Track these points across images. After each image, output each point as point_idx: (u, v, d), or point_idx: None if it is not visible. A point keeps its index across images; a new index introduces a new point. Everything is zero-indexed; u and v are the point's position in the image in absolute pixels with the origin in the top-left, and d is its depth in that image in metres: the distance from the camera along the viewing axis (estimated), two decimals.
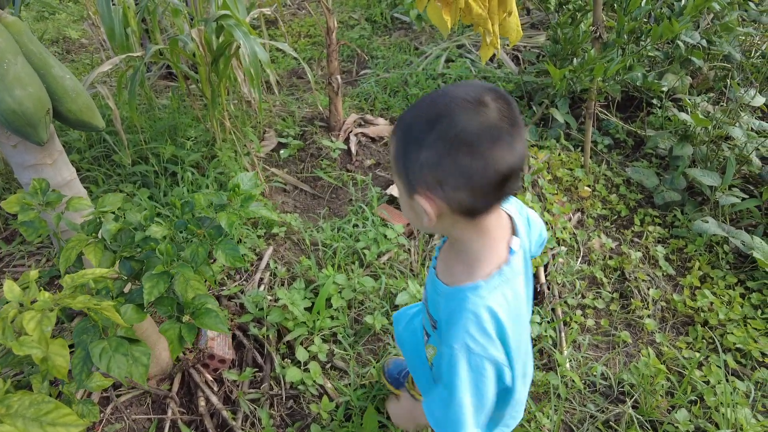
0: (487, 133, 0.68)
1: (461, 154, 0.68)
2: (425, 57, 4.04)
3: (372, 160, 2.88)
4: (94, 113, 1.21)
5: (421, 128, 0.71)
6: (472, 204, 0.74)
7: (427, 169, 0.72)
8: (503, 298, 0.80)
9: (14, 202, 0.93)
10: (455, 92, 0.71)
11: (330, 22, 2.82)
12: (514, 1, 1.32)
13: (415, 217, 0.81)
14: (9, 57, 1.02)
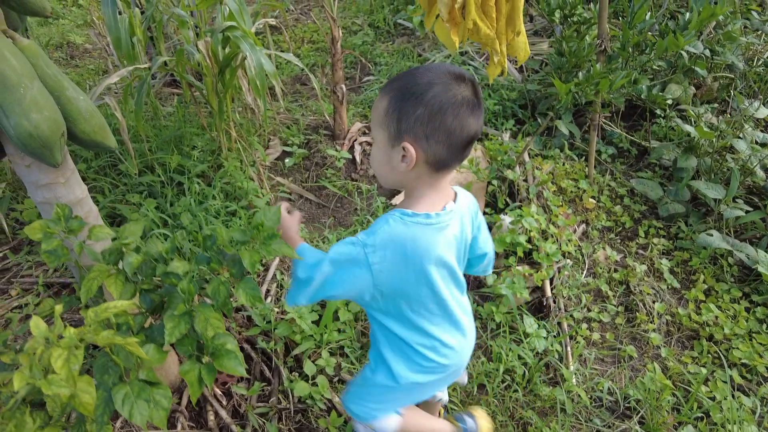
0: (466, 103, 0.89)
1: (448, 114, 0.88)
2: (428, 63, 4.06)
3: None
4: (107, 133, 1.22)
5: (419, 89, 0.89)
6: (445, 158, 0.93)
7: (420, 124, 0.89)
8: (420, 231, 0.96)
9: (37, 229, 0.94)
10: (442, 68, 0.92)
11: (335, 32, 2.83)
12: (522, 21, 1.33)
13: (387, 167, 0.97)
14: (26, 81, 1.03)
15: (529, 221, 1.95)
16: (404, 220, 0.95)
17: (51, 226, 0.95)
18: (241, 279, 0.94)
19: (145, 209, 2.36)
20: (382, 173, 1.01)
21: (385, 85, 0.96)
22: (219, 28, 2.26)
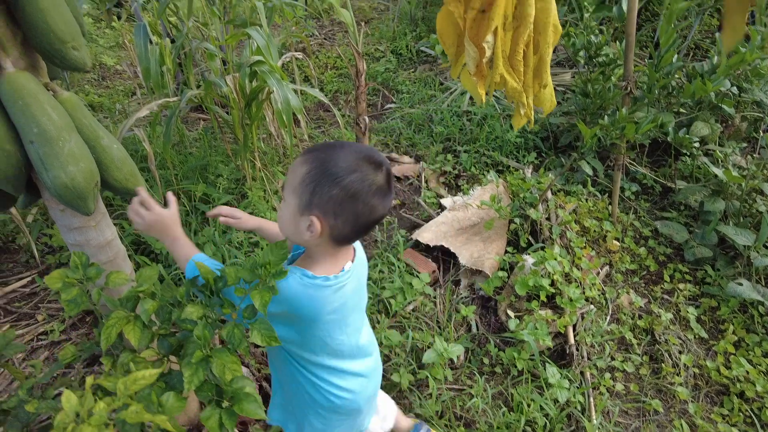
0: (378, 192, 0.96)
1: (359, 202, 0.95)
2: (450, 93, 4.07)
3: (397, 200, 2.90)
4: (138, 180, 1.25)
5: (338, 172, 0.94)
6: (348, 235, 1.00)
7: (332, 203, 0.95)
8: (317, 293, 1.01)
9: (57, 278, 0.96)
10: (363, 152, 0.98)
11: (360, 65, 2.86)
12: (549, 74, 1.33)
13: (292, 228, 1.01)
14: (65, 135, 1.06)
15: (552, 264, 1.92)
16: (303, 281, 1.00)
17: (69, 276, 0.97)
18: (254, 319, 0.94)
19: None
20: (286, 232, 1.05)
21: (307, 151, 1.00)
22: (247, 62, 2.31)
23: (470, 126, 3.51)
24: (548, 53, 1.26)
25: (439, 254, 2.42)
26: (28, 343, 2.17)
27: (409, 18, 5.73)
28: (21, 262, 2.61)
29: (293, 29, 5.38)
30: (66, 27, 1.03)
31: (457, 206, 2.57)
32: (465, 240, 2.34)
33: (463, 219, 2.49)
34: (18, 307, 2.34)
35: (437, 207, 2.75)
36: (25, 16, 0.99)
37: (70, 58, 1.05)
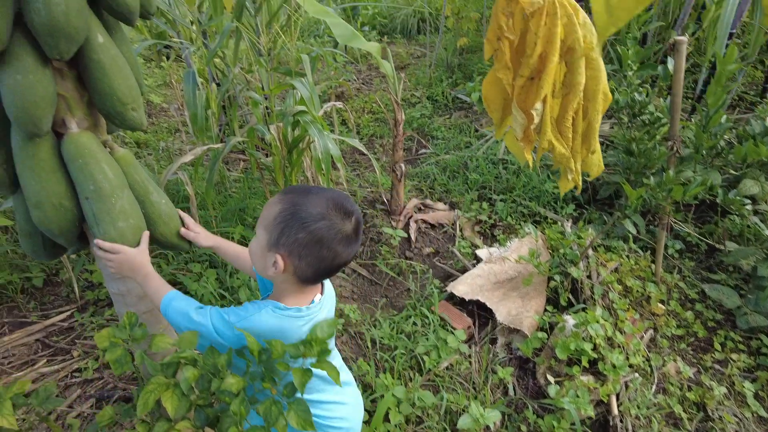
0: (344, 240, 1.01)
1: (324, 247, 1.00)
2: (485, 140, 4.08)
3: (431, 248, 2.87)
4: (181, 237, 1.27)
5: (308, 217, 0.99)
6: (310, 278, 1.05)
7: (297, 245, 1.00)
8: (289, 323, 1.05)
9: (105, 337, 0.96)
10: (336, 200, 1.02)
11: (398, 114, 2.90)
12: (597, 140, 1.31)
13: (261, 262, 1.06)
14: (118, 192, 1.09)
15: (595, 328, 1.85)
16: (276, 313, 1.04)
17: (117, 335, 0.97)
18: (292, 399, 0.92)
19: (205, 280, 2.41)
20: (255, 264, 1.09)
21: (285, 191, 1.05)
22: (290, 111, 2.37)
23: (506, 174, 3.49)
24: (597, 120, 1.25)
25: (474, 308, 2.36)
26: (62, 379, 2.19)
27: (446, 65, 5.83)
28: (62, 296, 2.67)
29: (332, 73, 5.55)
30: (128, 90, 1.07)
31: (494, 259, 2.52)
32: (502, 295, 2.28)
33: (500, 272, 2.44)
34: (55, 341, 2.38)
35: (472, 258, 2.71)
36: (93, 80, 1.04)
37: (129, 119, 1.09)
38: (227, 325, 1.03)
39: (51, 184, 1.05)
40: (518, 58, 1.21)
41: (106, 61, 1.03)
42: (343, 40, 2.52)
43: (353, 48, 6.58)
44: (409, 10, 7.84)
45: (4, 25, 0.89)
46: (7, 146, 1.05)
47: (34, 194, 1.05)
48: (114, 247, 1.12)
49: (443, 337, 2.06)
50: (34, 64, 0.95)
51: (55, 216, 1.07)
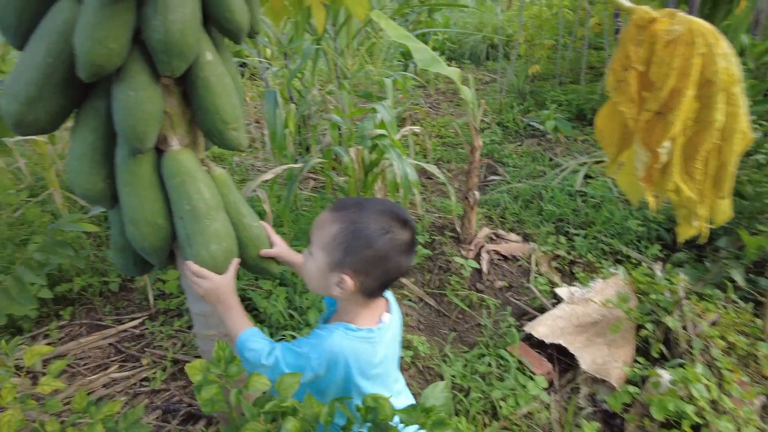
0: (405, 249, 1.01)
1: (390, 261, 1.00)
2: (560, 170, 3.90)
3: (504, 282, 2.73)
4: (271, 263, 1.22)
5: (372, 234, 0.98)
6: (376, 290, 1.05)
7: (364, 263, 0.98)
8: (361, 346, 1.03)
9: (198, 370, 0.91)
10: (392, 211, 1.01)
11: (476, 141, 2.81)
12: (730, 185, 1.16)
13: (321, 283, 1.04)
14: (213, 213, 1.06)
15: (698, 388, 1.65)
16: (348, 334, 1.02)
17: (212, 370, 0.92)
18: None
19: (274, 298, 2.39)
20: (313, 285, 1.08)
21: (336, 209, 1.02)
22: (369, 135, 2.33)
23: (585, 208, 3.30)
24: (732, 162, 1.10)
25: (554, 352, 2.20)
26: (131, 387, 2.21)
27: (516, 91, 5.71)
28: (135, 303, 2.73)
29: (400, 97, 5.55)
30: (231, 109, 1.05)
31: (576, 299, 2.35)
32: (586, 340, 2.11)
33: (583, 315, 2.27)
34: (127, 347, 2.42)
35: (551, 296, 2.55)
36: (198, 98, 1.02)
37: (229, 138, 1.06)
38: (303, 358, 1.01)
39: (148, 201, 1.04)
40: (644, 90, 1.09)
41: (212, 79, 1.01)
42: (424, 64, 2.46)
43: (422, 72, 6.57)
44: (478, 37, 7.79)
45: (124, 42, 0.88)
46: (111, 161, 1.04)
47: (131, 210, 1.04)
48: (203, 272, 1.09)
49: (522, 383, 1.92)
50: (146, 81, 0.94)
51: (149, 234, 1.05)
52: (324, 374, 1.02)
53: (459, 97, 6.23)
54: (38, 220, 2.95)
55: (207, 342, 1.34)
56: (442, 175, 2.41)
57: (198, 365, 0.92)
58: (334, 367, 1.02)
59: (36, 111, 0.94)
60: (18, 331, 2.52)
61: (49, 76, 0.92)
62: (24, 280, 2.02)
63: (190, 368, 0.92)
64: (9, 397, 0.91)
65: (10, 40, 0.98)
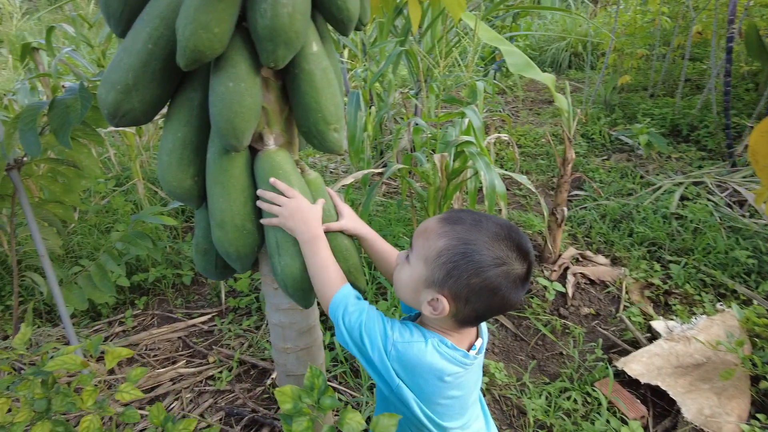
0: (518, 284, 0.88)
1: (497, 295, 0.87)
2: (653, 189, 3.58)
3: (591, 309, 2.49)
4: (360, 275, 1.12)
5: (484, 262, 0.85)
6: (472, 321, 0.93)
7: (468, 290, 0.87)
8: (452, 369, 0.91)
9: (289, 397, 0.82)
10: (513, 238, 0.88)
11: (568, 152, 2.61)
12: None
13: (411, 294, 0.93)
14: None
15: None
16: (441, 350, 0.91)
17: (303, 399, 0.81)
18: None
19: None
20: (401, 292, 0.96)
21: (447, 222, 0.90)
22: (455, 141, 2.19)
23: (682, 232, 2.99)
24: None
25: (648, 393, 1.96)
26: (197, 384, 2.18)
27: (603, 102, 5.36)
28: (206, 298, 2.74)
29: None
30: (334, 108, 0.94)
31: (675, 336, 2.09)
32: (688, 385, 1.86)
33: (684, 354, 2.01)
34: (195, 342, 2.41)
35: (645, 329, 2.29)
36: (299, 93, 0.93)
37: (330, 140, 0.96)
38: (386, 339, 0.90)
39: (238, 204, 0.96)
40: None
41: (317, 73, 0.91)
42: (517, 69, 2.30)
43: (501, 77, 6.34)
44: (561, 44, 7.45)
45: (227, 27, 0.80)
46: (202, 158, 0.97)
47: (219, 212, 0.96)
48: (290, 189, 0.96)
49: (615, 427, 1.71)
50: (246, 72, 0.85)
51: (237, 238, 0.97)
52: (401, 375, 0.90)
53: (538, 105, 5.96)
54: (122, 208, 3.04)
55: (282, 355, 1.25)
56: (533, 187, 2.22)
57: (289, 392, 0.82)
58: (412, 376, 0.90)
59: (131, 101, 0.88)
60: (97, 316, 2.59)
61: (147, 63, 0.86)
62: (106, 269, 2.05)
63: (280, 394, 0.82)
64: (89, 401, 0.85)
65: (113, 26, 0.93)
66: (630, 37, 5.32)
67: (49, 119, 1.38)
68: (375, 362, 0.89)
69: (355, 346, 0.90)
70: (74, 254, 2.81)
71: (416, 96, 2.93)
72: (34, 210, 1.84)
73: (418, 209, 2.83)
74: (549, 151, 4.45)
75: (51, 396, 0.86)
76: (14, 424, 0.81)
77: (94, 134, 1.72)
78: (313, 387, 0.81)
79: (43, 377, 0.87)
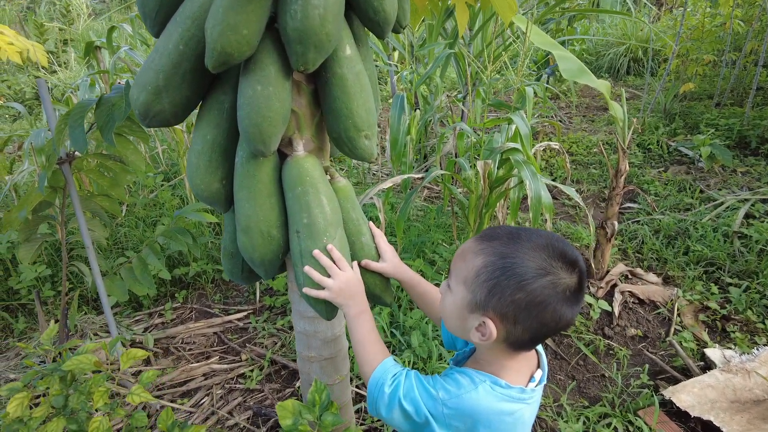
0: (569, 298, 0.80)
1: (547, 310, 0.79)
2: (714, 205, 3.35)
3: (638, 330, 2.35)
4: (387, 288, 1.07)
5: (526, 274, 0.78)
6: (526, 343, 0.84)
7: (513, 308, 0.79)
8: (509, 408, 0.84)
9: (289, 412, 0.79)
10: (556, 247, 0.80)
11: (622, 164, 2.47)
12: None
13: (459, 323, 0.86)
14: (331, 231, 0.92)
15: None
16: (496, 391, 0.84)
17: (304, 415, 0.78)
18: None
19: (377, 312, 2.26)
20: (450, 324, 0.90)
21: (484, 237, 0.84)
22: (500, 148, 2.11)
23: (745, 253, 2.78)
24: None
25: (698, 427, 1.81)
26: (228, 381, 2.20)
27: (663, 110, 5.09)
28: (243, 295, 2.77)
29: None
30: (366, 114, 0.90)
31: (733, 367, 1.93)
32: (746, 423, 1.71)
33: (742, 389, 1.85)
34: (230, 339, 2.44)
35: (698, 356, 2.13)
36: (330, 98, 0.89)
37: (360, 147, 0.92)
38: (431, 401, 0.83)
39: (264, 210, 0.93)
40: None
41: (349, 78, 0.87)
42: (570, 75, 2.19)
43: (554, 82, 6.14)
44: (619, 49, 7.14)
45: (256, 29, 0.78)
46: (231, 161, 0.95)
47: (244, 217, 0.94)
48: (341, 260, 0.93)
49: None
50: (276, 75, 0.82)
51: (261, 245, 0.95)
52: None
53: (593, 112, 5.73)
54: (169, 203, 3.12)
55: (306, 364, 1.22)
56: (581, 201, 2.11)
57: (290, 407, 0.79)
58: (475, 426, 0.83)
59: (162, 102, 0.87)
60: (139, 306, 2.67)
61: (178, 65, 0.85)
62: (147, 262, 2.09)
63: (280, 408, 0.80)
64: (100, 402, 0.85)
65: (149, 26, 0.93)
66: (696, 42, 5.02)
67: (96, 116, 1.41)
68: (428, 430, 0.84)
69: (403, 421, 0.85)
70: (121, 245, 2.91)
71: (463, 100, 2.86)
72: (82, 202, 1.90)
73: (459, 217, 2.76)
74: (602, 160, 4.26)
75: (68, 393, 0.87)
76: (32, 418, 0.82)
77: (140, 131, 1.75)
78: (314, 402, 0.77)
79: (61, 374, 0.88)
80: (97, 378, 0.88)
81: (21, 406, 0.86)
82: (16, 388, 0.92)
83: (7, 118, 5.70)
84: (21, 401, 0.86)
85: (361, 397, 1.99)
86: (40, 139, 2.05)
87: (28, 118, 3.73)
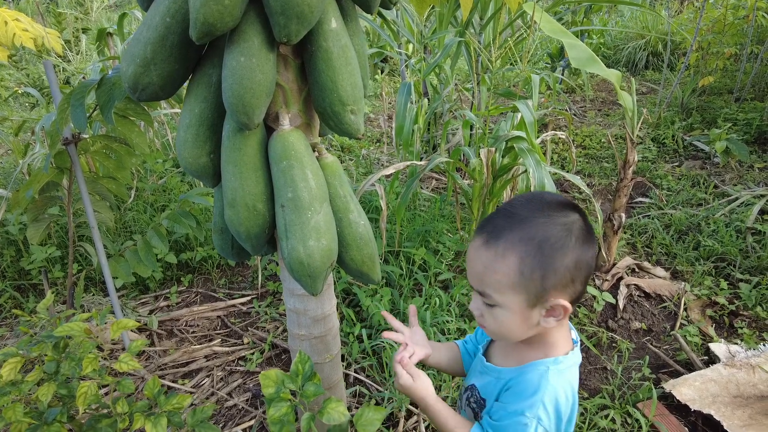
0: (586, 234, 0.83)
1: (587, 248, 0.82)
2: (728, 200, 3.28)
3: (643, 324, 2.31)
4: (374, 266, 1.07)
5: (562, 239, 0.80)
6: (581, 292, 0.85)
7: (568, 270, 0.81)
8: (572, 375, 0.87)
9: (272, 381, 0.79)
10: (554, 202, 0.84)
11: (630, 155, 2.42)
12: None
13: (524, 328, 0.85)
14: (316, 205, 0.92)
15: None
16: (559, 369, 0.85)
17: (285, 384, 0.78)
18: None
19: (378, 298, 2.27)
20: (518, 335, 0.87)
21: (492, 236, 0.82)
22: (505, 137, 2.09)
23: (758, 249, 2.72)
24: None
25: (699, 422, 1.78)
26: (229, 363, 2.23)
27: (680, 105, 4.99)
28: (248, 280, 2.79)
29: (542, 100, 5.13)
30: (351, 89, 0.90)
31: (737, 362, 1.90)
32: (748, 418, 1.68)
33: (745, 384, 1.81)
34: (232, 322, 2.46)
35: (702, 351, 2.10)
36: (315, 71, 0.89)
37: (346, 122, 0.92)
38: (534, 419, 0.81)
39: (249, 183, 0.94)
40: None
41: (333, 51, 0.87)
42: (579, 63, 2.15)
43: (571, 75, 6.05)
44: (638, 43, 7.01)
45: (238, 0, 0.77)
46: (219, 135, 0.96)
47: (230, 191, 0.95)
48: (412, 369, 0.91)
49: None
50: (259, 47, 0.83)
51: (247, 219, 0.95)
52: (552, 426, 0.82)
53: (608, 106, 5.64)
54: (177, 188, 3.16)
55: (297, 342, 1.23)
56: (586, 188, 2.08)
57: (273, 375, 0.79)
58: (560, 416, 0.82)
59: (150, 74, 0.88)
60: (145, 289, 2.71)
61: (165, 37, 0.85)
62: (151, 244, 2.12)
63: (264, 377, 0.80)
64: (89, 368, 0.87)
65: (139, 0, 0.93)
66: (717, 35, 4.90)
67: (97, 96, 1.43)
68: None
69: None
70: (129, 229, 2.95)
71: (472, 90, 2.83)
72: (88, 184, 1.93)
73: (464, 206, 2.74)
74: (615, 154, 4.20)
75: (60, 360, 0.89)
76: (24, 382, 0.84)
77: (144, 113, 1.77)
78: (297, 373, 0.77)
79: (54, 341, 0.90)
80: (86, 345, 0.90)
81: (14, 370, 0.88)
82: (10, 353, 0.95)
83: (27, 107, 5.81)
84: (15, 365, 0.89)
85: (358, 382, 2.00)
86: (50, 122, 2.09)
87: (44, 105, 3.80)
